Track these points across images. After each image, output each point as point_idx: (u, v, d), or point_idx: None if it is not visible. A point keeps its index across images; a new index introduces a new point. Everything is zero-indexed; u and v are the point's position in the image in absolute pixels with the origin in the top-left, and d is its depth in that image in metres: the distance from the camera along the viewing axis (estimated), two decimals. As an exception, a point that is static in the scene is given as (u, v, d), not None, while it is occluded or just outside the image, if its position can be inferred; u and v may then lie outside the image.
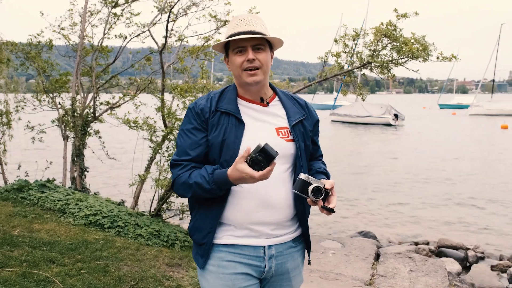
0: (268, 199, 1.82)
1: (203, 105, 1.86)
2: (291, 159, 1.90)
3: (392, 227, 8.94)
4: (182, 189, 1.82)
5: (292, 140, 1.89)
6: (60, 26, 7.72)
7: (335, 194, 1.81)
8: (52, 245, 4.36)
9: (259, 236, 1.84)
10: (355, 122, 37.24)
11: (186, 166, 1.81)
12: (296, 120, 1.92)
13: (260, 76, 1.83)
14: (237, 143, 1.79)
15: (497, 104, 50.03)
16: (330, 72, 5.95)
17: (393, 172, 14.85)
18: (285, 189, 1.86)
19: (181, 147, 1.86)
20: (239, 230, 1.83)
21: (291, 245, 1.94)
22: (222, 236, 1.85)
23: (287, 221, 1.90)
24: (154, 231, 5.14)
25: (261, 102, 1.91)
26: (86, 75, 7.89)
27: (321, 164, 2.10)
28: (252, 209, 1.81)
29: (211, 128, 1.82)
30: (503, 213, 9.84)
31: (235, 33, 1.81)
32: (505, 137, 27.30)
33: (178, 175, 1.81)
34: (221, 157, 1.80)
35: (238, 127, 1.81)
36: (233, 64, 1.85)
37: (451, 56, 5.20)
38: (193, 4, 6.98)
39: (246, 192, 1.80)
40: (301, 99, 2.06)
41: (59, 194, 5.79)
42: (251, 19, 1.84)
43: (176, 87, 5.63)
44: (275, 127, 1.88)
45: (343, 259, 5.48)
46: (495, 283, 5.76)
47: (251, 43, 1.80)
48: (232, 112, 1.83)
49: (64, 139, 7.48)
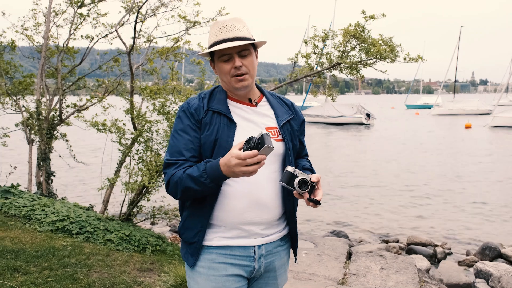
0: (258, 198, 1.83)
1: (197, 105, 1.86)
2: (281, 158, 1.92)
3: (363, 225, 9.08)
4: (176, 187, 1.76)
5: (281, 140, 1.91)
6: (23, 26, 7.48)
7: (321, 188, 1.83)
8: (17, 253, 4.20)
9: (249, 236, 1.85)
10: (328, 122, 37.74)
11: (181, 166, 1.78)
12: (285, 120, 1.95)
13: (248, 80, 1.85)
14: (229, 143, 1.79)
15: (458, 104, 51.83)
16: (300, 73, 5.98)
17: (362, 171, 15.10)
18: (274, 188, 1.88)
19: (175, 147, 1.83)
20: (230, 230, 1.84)
21: (279, 244, 1.96)
22: (212, 238, 1.85)
23: (276, 220, 1.92)
24: (125, 235, 5.02)
25: (250, 103, 1.93)
26: (51, 76, 7.67)
27: (306, 161, 2.12)
28: (242, 209, 1.81)
29: (204, 127, 1.82)
30: (468, 209, 10.15)
31: (218, 40, 1.81)
32: (470, 135, 28.18)
33: (173, 174, 1.78)
34: (213, 156, 1.79)
35: (230, 126, 1.82)
36: (221, 72, 1.86)
37: (418, 57, 5.32)
38: (161, 5, 6.89)
39: (236, 192, 1.81)
40: (287, 100, 2.08)
41: (24, 200, 5.59)
42: (233, 24, 1.83)
43: (146, 88, 5.52)
44: (265, 127, 1.90)
45: (316, 259, 5.52)
46: (463, 278, 5.93)
47: (236, 50, 1.80)
48: (223, 112, 1.83)
49: (29, 143, 7.24)
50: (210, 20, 6.63)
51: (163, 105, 5.35)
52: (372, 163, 16.82)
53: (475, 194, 11.60)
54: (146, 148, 5.52)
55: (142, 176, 5.28)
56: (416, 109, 64.15)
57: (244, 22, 1.88)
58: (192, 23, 6.76)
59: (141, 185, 5.33)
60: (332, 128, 34.41)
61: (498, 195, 11.57)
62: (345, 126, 35.46)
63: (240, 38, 1.80)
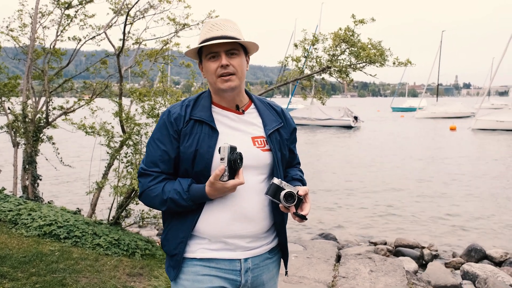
0: (244, 211, 1.76)
1: (177, 114, 1.78)
2: (268, 169, 1.84)
3: (350, 228, 9.13)
4: (154, 202, 1.76)
5: (268, 150, 1.83)
6: (8, 27, 7.37)
7: (309, 201, 1.77)
8: (3, 259, 4.11)
9: (234, 249, 1.78)
10: (315, 124, 37.90)
11: (157, 178, 1.75)
12: (273, 128, 1.86)
13: (235, 82, 1.76)
14: (210, 153, 1.72)
15: (441, 107, 52.67)
16: (290, 76, 6.00)
17: (349, 173, 15.19)
18: (261, 200, 1.80)
19: (151, 157, 1.78)
20: (214, 243, 1.77)
21: (267, 257, 1.89)
22: (196, 250, 1.78)
23: (264, 233, 1.85)
24: (114, 240, 4.97)
25: (237, 110, 1.84)
26: (37, 78, 7.56)
27: (297, 171, 2.05)
28: (227, 222, 1.75)
29: (183, 138, 1.75)
30: (454, 211, 10.27)
31: (207, 38, 1.75)
32: (455, 137, 28.58)
33: (149, 186, 1.75)
34: (193, 168, 1.73)
35: (211, 136, 1.74)
36: (207, 71, 1.79)
37: (407, 62, 5.38)
38: (150, 7, 6.86)
39: (221, 204, 1.75)
40: (278, 106, 1.99)
41: (9, 204, 5.49)
42: (224, 24, 1.78)
43: (135, 91, 5.48)
44: (251, 136, 1.82)
45: (305, 262, 5.53)
46: (450, 280, 5.99)
47: (224, 48, 1.74)
48: (205, 120, 1.76)
49: (14, 146, 7.12)
50: (200, 23, 6.62)
51: (152, 108, 5.32)
52: (359, 166, 16.94)
53: (460, 196, 11.75)
54: (135, 151, 5.47)
55: (131, 179, 5.24)
56: (402, 112, 64.88)
57: (236, 25, 1.82)
58: (182, 26, 6.74)
59: (130, 189, 5.28)
60: (320, 130, 34.56)
61: (482, 197, 11.74)
62: (333, 129, 35.65)
63: (230, 37, 1.74)
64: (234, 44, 1.76)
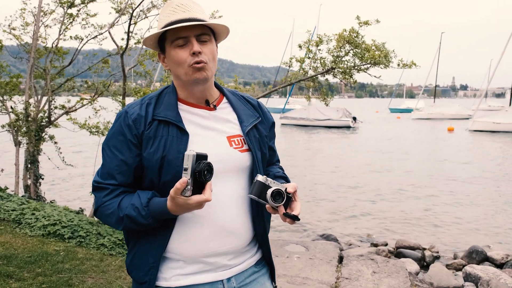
0: (223, 224, 1.50)
1: (137, 114, 1.48)
2: (247, 172, 1.58)
3: (350, 228, 9.14)
4: (109, 220, 1.48)
5: (247, 150, 1.57)
6: (10, 26, 7.36)
7: (299, 199, 1.52)
8: (9, 259, 4.10)
9: (215, 269, 1.52)
10: (314, 125, 37.94)
11: (113, 192, 1.47)
12: (250, 124, 1.60)
13: (209, 72, 1.49)
14: (180, 158, 1.41)
15: (438, 108, 52.90)
16: (294, 77, 6.01)
17: (348, 173, 15.21)
18: (242, 209, 1.55)
19: (106, 168, 1.49)
20: (190, 265, 1.49)
21: (253, 270, 1.63)
22: (170, 277, 1.49)
23: (246, 246, 1.60)
24: (118, 240, 4.96)
25: (207, 106, 1.57)
26: (39, 77, 7.55)
27: (278, 168, 1.81)
28: (205, 239, 1.48)
29: (146, 143, 1.46)
30: (455, 212, 10.30)
31: (172, 21, 1.46)
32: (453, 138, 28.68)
33: (103, 202, 1.47)
34: (160, 178, 1.45)
35: (180, 138, 1.45)
36: (173, 60, 1.48)
37: (411, 63, 5.39)
38: (153, 7, 6.86)
39: (196, 217, 1.47)
40: (253, 99, 1.73)
41: (13, 203, 5.48)
42: (189, 4, 1.50)
43: (139, 90, 5.48)
44: (227, 136, 1.55)
45: (308, 263, 5.53)
46: (452, 282, 6.01)
47: (194, 33, 1.46)
48: (172, 120, 1.47)
49: (16, 145, 7.10)
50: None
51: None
52: (358, 167, 16.97)
53: (460, 198, 11.79)
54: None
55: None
56: (399, 113, 65.10)
57: (202, 7, 1.55)
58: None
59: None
60: (319, 130, 34.60)
61: (482, 198, 11.78)
62: (332, 129, 35.70)
63: (200, 20, 1.47)
64: (204, 28, 1.49)
